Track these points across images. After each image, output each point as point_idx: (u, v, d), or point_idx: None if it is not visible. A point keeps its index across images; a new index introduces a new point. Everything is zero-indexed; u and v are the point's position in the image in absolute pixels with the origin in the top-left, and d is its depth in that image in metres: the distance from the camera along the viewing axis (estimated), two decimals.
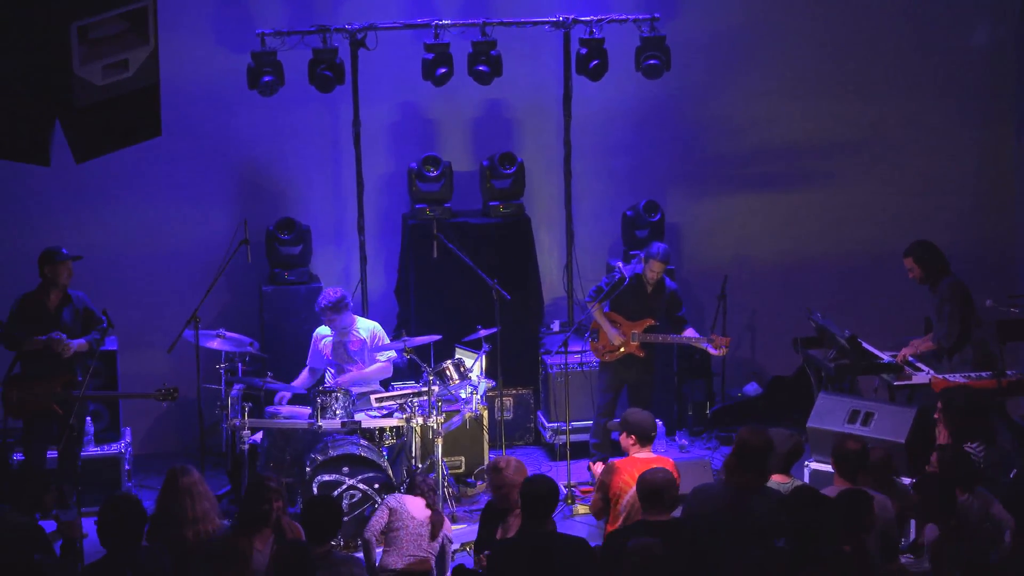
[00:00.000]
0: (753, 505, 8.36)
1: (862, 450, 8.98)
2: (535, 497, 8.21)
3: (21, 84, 6.33)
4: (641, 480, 8.33)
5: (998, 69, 14.29)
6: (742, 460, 8.49)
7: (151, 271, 13.38)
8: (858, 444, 9.01)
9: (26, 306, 11.27)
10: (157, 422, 13.36)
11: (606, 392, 12.34)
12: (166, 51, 6.80)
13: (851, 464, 8.89)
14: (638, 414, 9.81)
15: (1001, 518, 8.66)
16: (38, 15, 6.24)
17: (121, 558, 7.77)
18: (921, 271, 11.90)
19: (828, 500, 7.81)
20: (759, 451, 8.49)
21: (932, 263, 11.89)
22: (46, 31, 6.25)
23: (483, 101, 13.67)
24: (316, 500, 8.81)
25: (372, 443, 11.25)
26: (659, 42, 13.04)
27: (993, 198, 14.49)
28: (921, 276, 11.92)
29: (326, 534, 8.28)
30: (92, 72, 6.38)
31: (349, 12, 13.16)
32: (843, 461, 8.93)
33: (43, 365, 11.11)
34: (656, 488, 8.21)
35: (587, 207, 13.85)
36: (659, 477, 8.29)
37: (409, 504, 9.68)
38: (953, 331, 11.69)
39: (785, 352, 13.10)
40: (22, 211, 13.14)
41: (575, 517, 11.56)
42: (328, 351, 12.04)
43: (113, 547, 7.82)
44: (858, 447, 8.97)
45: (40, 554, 8.52)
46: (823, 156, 14.24)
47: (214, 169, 13.49)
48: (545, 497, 8.22)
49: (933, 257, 11.90)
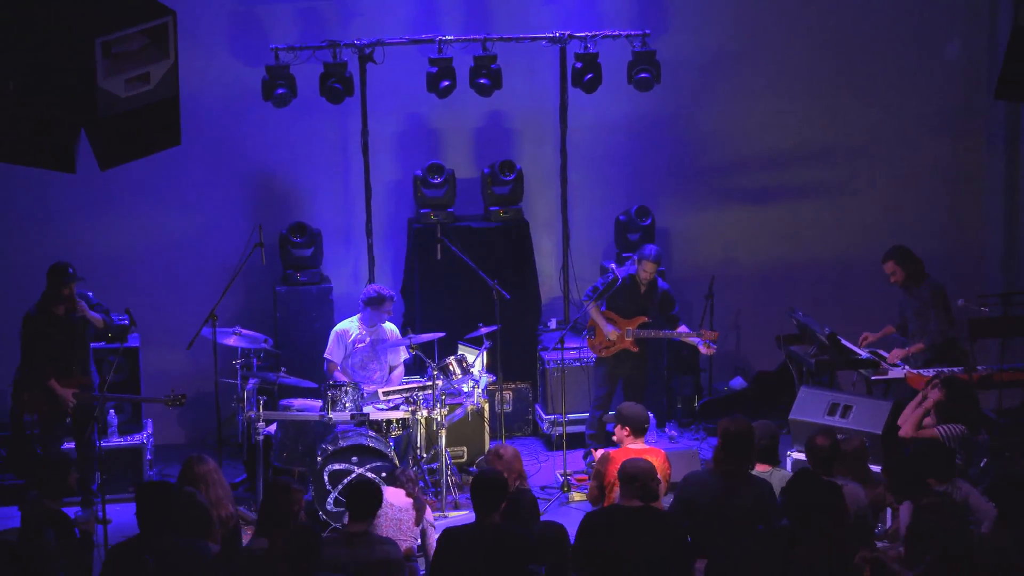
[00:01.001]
0: (740, 490, 8.41)
1: (832, 445, 8.92)
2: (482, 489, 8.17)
3: (48, 96, 6.34)
4: (622, 467, 8.35)
5: (970, 83, 14.30)
6: (726, 448, 8.53)
7: (171, 272, 13.39)
8: (827, 440, 8.95)
9: (34, 325, 11.11)
10: (177, 414, 13.35)
11: (602, 386, 12.35)
12: (185, 65, 6.82)
13: (822, 459, 8.87)
14: (632, 407, 9.83)
15: (978, 508, 8.63)
16: (64, 31, 6.26)
17: (146, 543, 7.75)
18: (904, 274, 11.91)
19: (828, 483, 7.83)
20: (742, 439, 8.53)
21: (912, 266, 11.91)
22: (72, 46, 6.27)
23: (484, 112, 13.69)
24: (357, 483, 8.73)
25: (379, 434, 11.25)
26: (650, 57, 13.06)
27: (964, 205, 14.50)
28: (903, 279, 11.94)
29: (366, 514, 8.29)
30: (115, 85, 6.40)
31: (358, 28, 13.18)
32: (813, 456, 8.90)
33: (56, 367, 11.09)
34: (633, 474, 8.23)
35: (582, 212, 13.86)
36: (640, 465, 8.31)
37: (387, 494, 9.56)
38: (944, 329, 11.74)
39: (769, 348, 13.13)
40: (49, 216, 13.14)
41: (571, 504, 11.56)
42: (363, 346, 11.99)
43: (143, 530, 7.81)
44: (827, 443, 8.90)
45: (66, 537, 8.52)
46: (804, 166, 14.25)
47: (230, 176, 13.50)
48: (492, 490, 8.17)
49: (913, 260, 11.94)
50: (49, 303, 11.08)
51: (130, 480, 11.75)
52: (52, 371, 11.00)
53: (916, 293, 11.92)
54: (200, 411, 13.15)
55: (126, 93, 6.46)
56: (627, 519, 8.12)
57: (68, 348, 11.09)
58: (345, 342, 12.00)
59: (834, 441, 8.94)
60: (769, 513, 8.32)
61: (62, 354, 11.07)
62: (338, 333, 12.05)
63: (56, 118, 6.41)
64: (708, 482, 8.53)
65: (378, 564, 8.11)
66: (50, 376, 10.98)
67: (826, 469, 8.79)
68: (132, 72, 6.45)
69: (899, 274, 11.95)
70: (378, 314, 11.93)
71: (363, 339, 11.99)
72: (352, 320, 12.08)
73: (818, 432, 9.15)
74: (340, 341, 12.02)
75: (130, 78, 6.46)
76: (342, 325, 12.09)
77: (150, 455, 12.12)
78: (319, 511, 10.79)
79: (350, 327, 12.03)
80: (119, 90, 6.42)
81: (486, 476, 8.28)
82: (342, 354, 11.99)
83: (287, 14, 13.32)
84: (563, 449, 11.95)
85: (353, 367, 11.99)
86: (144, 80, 6.52)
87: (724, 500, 8.35)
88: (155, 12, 6.48)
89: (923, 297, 11.83)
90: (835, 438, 9.02)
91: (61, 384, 10.99)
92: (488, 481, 8.19)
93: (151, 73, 6.53)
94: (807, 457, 9.00)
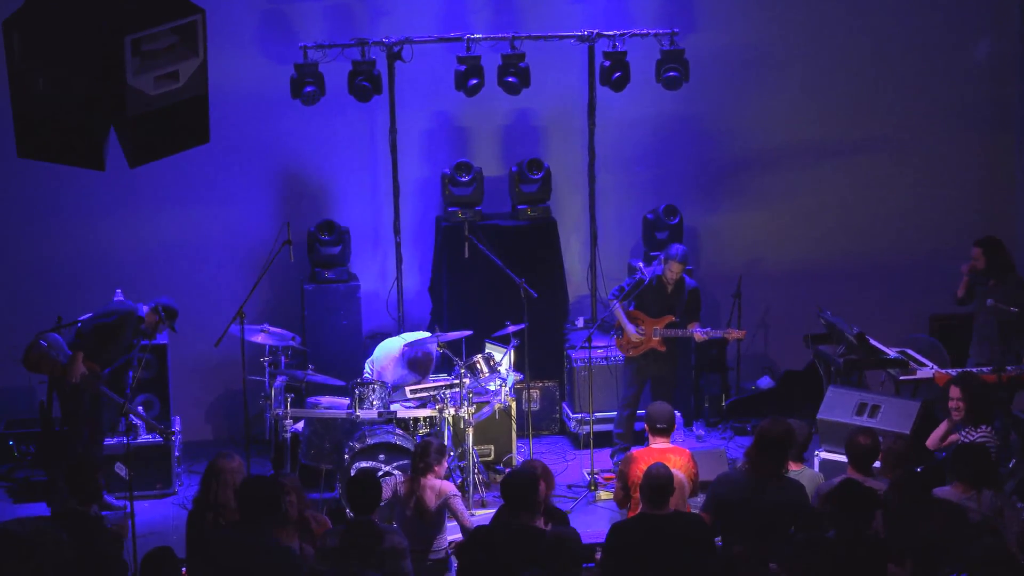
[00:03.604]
0: (772, 492, 8.35)
1: (872, 443, 8.88)
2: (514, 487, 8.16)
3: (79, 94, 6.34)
4: (645, 476, 8.26)
5: (1001, 80, 14.21)
6: (762, 449, 8.46)
7: (200, 270, 13.41)
8: (868, 438, 8.91)
9: (119, 332, 11.32)
10: (206, 411, 13.40)
11: (630, 385, 12.33)
12: (214, 63, 6.81)
13: (861, 456, 8.81)
14: (653, 406, 9.82)
15: (1011, 521, 8.39)
16: (94, 30, 6.25)
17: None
18: (985, 263, 11.96)
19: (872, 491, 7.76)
20: (779, 441, 8.47)
21: (999, 258, 11.95)
22: (102, 44, 6.26)
23: (512, 110, 13.66)
24: (355, 477, 8.71)
25: (407, 432, 11.25)
26: (678, 55, 13.02)
27: (996, 203, 14.39)
28: (984, 268, 11.97)
29: (369, 507, 8.25)
30: (145, 83, 6.39)
31: (386, 27, 13.18)
32: (854, 455, 8.82)
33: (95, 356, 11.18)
34: (660, 484, 8.14)
35: (610, 210, 13.83)
36: (661, 473, 8.22)
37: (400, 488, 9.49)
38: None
39: (797, 347, 13.08)
40: (78, 213, 13.18)
41: (598, 503, 11.55)
42: None
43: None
44: (868, 441, 8.86)
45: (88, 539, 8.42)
46: (834, 164, 14.18)
47: (259, 174, 13.52)
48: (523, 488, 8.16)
49: (1002, 254, 11.99)
50: (149, 332, 11.27)
51: (159, 477, 11.83)
52: (89, 353, 11.10)
53: (1003, 286, 11.88)
54: (228, 408, 13.19)
55: (155, 91, 6.45)
56: (656, 526, 8.06)
57: (116, 356, 11.28)
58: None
59: (875, 440, 8.89)
60: (801, 515, 8.28)
61: (109, 356, 11.21)
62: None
63: (85, 116, 6.42)
64: (740, 482, 8.46)
65: (385, 553, 8.07)
66: (82, 351, 11.09)
67: (866, 470, 8.73)
68: (161, 70, 6.45)
69: (981, 261, 12.01)
70: (413, 374, 11.92)
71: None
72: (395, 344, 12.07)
73: (859, 431, 9.09)
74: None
75: (159, 76, 6.45)
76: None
77: (178, 452, 12.12)
78: (347, 509, 10.78)
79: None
80: (148, 88, 6.41)
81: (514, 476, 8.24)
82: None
83: (316, 12, 13.32)
84: (590, 448, 11.93)
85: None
86: (173, 78, 6.51)
87: (756, 501, 8.29)
88: (184, 10, 6.48)
89: (1011, 291, 11.82)
90: (876, 437, 8.96)
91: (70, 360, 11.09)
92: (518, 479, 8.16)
93: (180, 71, 6.53)
94: (848, 456, 8.93)
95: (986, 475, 8.57)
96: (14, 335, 12.28)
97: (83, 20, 6.25)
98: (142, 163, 6.71)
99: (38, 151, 6.59)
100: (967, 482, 8.52)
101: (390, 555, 8.08)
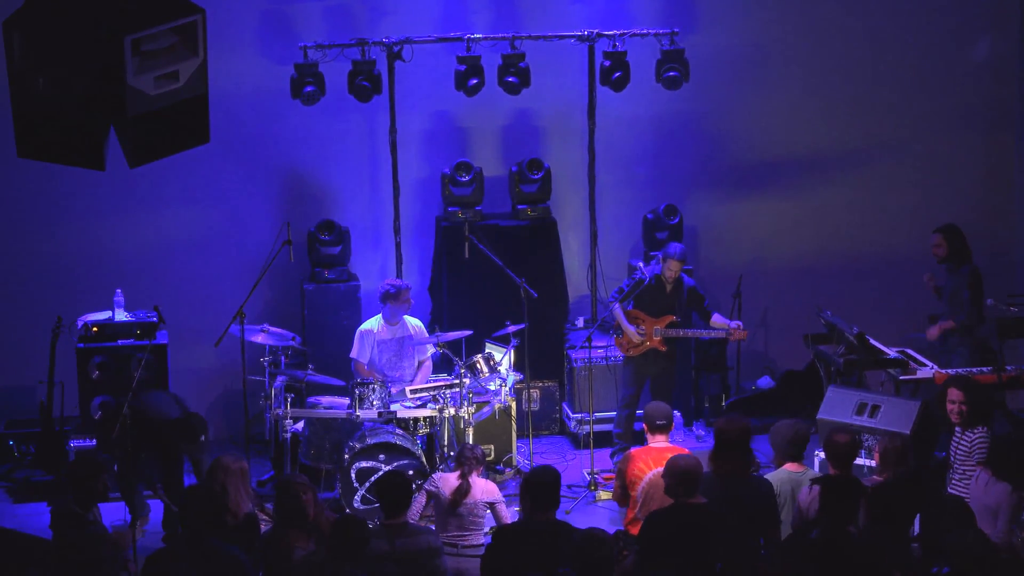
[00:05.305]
0: (738, 491, 8.33)
1: (851, 441, 8.88)
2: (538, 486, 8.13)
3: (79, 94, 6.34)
4: (671, 467, 8.17)
5: (1001, 80, 14.22)
6: (720, 449, 8.46)
7: (200, 269, 13.41)
8: (846, 436, 8.91)
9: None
10: (206, 412, 13.35)
11: (630, 385, 12.33)
12: (214, 63, 6.80)
13: (843, 456, 8.81)
14: (651, 405, 9.88)
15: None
16: (94, 29, 6.25)
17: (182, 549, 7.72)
18: (947, 250, 12.12)
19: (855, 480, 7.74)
20: (736, 439, 8.47)
21: (958, 245, 12.12)
22: (102, 44, 6.26)
23: (512, 110, 13.66)
24: (386, 478, 8.70)
25: (407, 432, 11.25)
26: (678, 55, 13.02)
27: (995, 203, 14.41)
28: (945, 254, 12.14)
29: (400, 507, 8.23)
30: (145, 82, 6.38)
31: (386, 26, 13.18)
32: (833, 454, 8.82)
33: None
34: (690, 474, 8.07)
35: (610, 210, 13.84)
36: (689, 462, 8.16)
37: (445, 485, 9.56)
38: (973, 314, 11.95)
39: (796, 347, 13.06)
40: (78, 213, 13.18)
41: (598, 503, 11.55)
42: (389, 343, 11.97)
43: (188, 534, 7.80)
44: (846, 440, 8.87)
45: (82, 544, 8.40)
46: (832, 164, 14.19)
47: (259, 174, 13.52)
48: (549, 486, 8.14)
49: (961, 241, 12.14)
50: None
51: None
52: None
53: (956, 273, 11.99)
54: (228, 408, 13.19)
55: (155, 91, 6.45)
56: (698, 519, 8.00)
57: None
58: (370, 341, 11.98)
59: (853, 438, 8.90)
60: (770, 513, 8.28)
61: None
62: (362, 333, 12.02)
63: (85, 116, 6.41)
64: (708, 482, 8.37)
65: (421, 553, 8.09)
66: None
67: (846, 467, 8.74)
68: (161, 70, 6.44)
69: (943, 248, 12.16)
70: (398, 307, 11.88)
71: (387, 336, 11.97)
72: (375, 319, 12.06)
73: (836, 430, 9.12)
74: (364, 341, 11.98)
75: (159, 76, 6.44)
76: (365, 325, 12.07)
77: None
78: (346, 508, 10.79)
79: (373, 326, 12.01)
80: (148, 88, 6.41)
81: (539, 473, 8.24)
82: (368, 354, 11.97)
83: (316, 12, 13.32)
84: (590, 448, 11.93)
85: (383, 367, 11.97)
86: (173, 78, 6.51)
87: (722, 501, 8.24)
88: (184, 10, 6.47)
89: (962, 279, 11.97)
90: (854, 435, 8.97)
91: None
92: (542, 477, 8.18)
93: (180, 71, 6.52)
94: (826, 455, 8.94)
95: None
96: (14, 335, 12.28)
97: (83, 20, 6.24)
98: (142, 163, 6.71)
99: (38, 151, 6.59)
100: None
101: (426, 555, 8.10)
